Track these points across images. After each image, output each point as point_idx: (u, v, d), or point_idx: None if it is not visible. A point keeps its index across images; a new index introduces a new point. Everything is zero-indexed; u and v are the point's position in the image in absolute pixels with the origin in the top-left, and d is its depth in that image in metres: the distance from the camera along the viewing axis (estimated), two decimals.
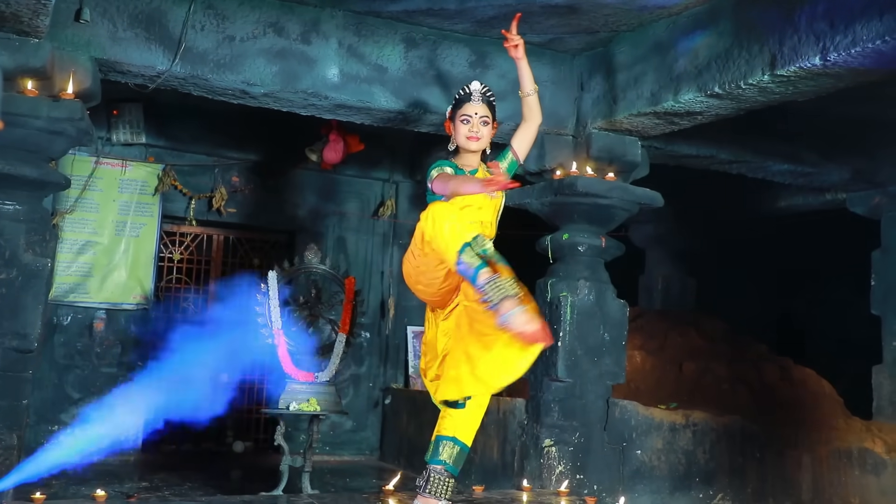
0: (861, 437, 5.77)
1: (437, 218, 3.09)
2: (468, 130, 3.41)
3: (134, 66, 4.15)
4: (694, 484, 5.24)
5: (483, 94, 3.46)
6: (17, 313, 3.82)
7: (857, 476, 5.65)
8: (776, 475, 5.47)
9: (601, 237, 5.03)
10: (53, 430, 6.08)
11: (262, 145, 7.05)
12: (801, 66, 3.55)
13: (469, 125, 3.42)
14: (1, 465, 3.73)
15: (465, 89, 3.48)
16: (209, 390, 6.63)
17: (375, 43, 4.55)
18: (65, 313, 6.45)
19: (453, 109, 3.50)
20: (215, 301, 6.97)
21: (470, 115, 3.42)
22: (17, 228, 3.90)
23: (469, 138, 3.42)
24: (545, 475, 4.85)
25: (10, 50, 3.70)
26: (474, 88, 3.46)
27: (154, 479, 5.53)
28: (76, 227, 6.46)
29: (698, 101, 4.16)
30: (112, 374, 6.46)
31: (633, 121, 4.64)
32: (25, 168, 3.84)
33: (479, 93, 3.45)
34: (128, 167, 6.63)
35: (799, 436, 5.60)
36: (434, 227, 3.08)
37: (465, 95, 3.47)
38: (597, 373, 4.90)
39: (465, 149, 3.45)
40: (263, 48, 4.33)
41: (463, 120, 3.42)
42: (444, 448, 3.37)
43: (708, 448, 5.31)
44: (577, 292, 4.89)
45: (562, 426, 4.87)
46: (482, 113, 3.43)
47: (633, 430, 5.07)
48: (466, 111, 3.43)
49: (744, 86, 3.86)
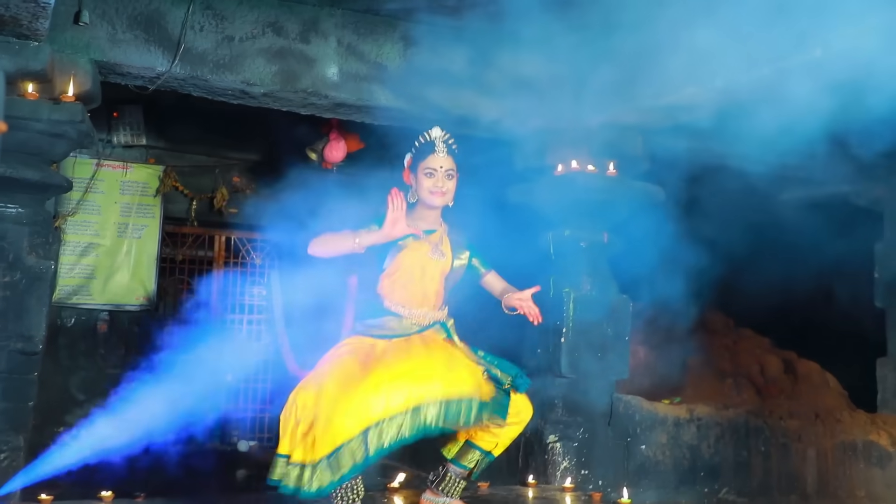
0: (866, 430, 5.76)
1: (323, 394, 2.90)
2: (433, 185, 3.15)
3: (134, 68, 4.16)
4: (699, 478, 5.25)
5: (446, 142, 3.19)
6: (21, 316, 3.84)
7: (862, 469, 5.65)
8: (781, 469, 5.47)
9: (603, 233, 5.03)
10: (59, 431, 6.07)
11: (262, 145, 7.05)
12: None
13: (433, 179, 3.15)
14: (8, 467, 3.74)
15: (426, 137, 3.21)
16: (214, 390, 6.66)
17: (374, 41, 4.55)
18: (68, 315, 6.47)
19: (414, 159, 3.22)
20: (217, 301, 6.98)
21: (434, 168, 3.15)
22: (20, 231, 3.91)
23: (433, 193, 3.16)
24: (550, 471, 4.85)
25: (10, 53, 3.70)
26: (436, 136, 3.19)
27: (160, 479, 5.54)
28: (78, 229, 6.47)
29: (700, 94, 4.16)
30: (116, 375, 6.47)
31: (634, 114, 4.64)
32: (27, 171, 3.85)
33: (442, 142, 3.18)
34: (129, 169, 6.64)
35: (804, 429, 5.59)
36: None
37: (426, 144, 3.19)
38: (600, 368, 4.90)
39: (426, 204, 3.19)
40: (262, 48, 4.33)
41: (427, 173, 3.15)
42: (474, 456, 3.29)
43: (712, 442, 5.31)
44: (580, 288, 4.89)
45: (566, 422, 4.88)
46: (447, 166, 3.16)
47: (638, 425, 5.08)
48: (430, 164, 3.15)
49: (745, 79, 3.86)
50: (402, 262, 3.16)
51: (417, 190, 3.20)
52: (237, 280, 7.08)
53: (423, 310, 3.21)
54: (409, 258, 3.18)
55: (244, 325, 7.02)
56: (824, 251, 6.78)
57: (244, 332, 7.00)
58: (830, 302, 7.54)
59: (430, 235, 3.22)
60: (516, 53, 4.71)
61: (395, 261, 3.16)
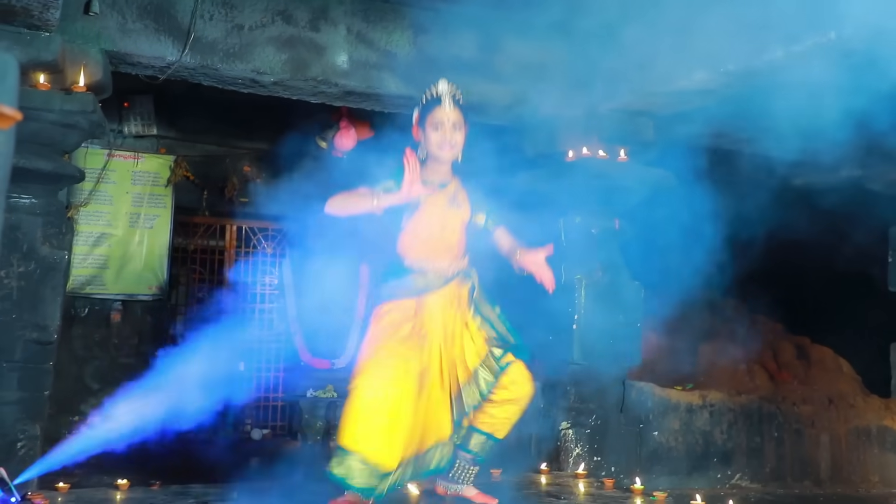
0: (880, 415, 5.75)
1: (359, 374, 2.99)
2: (440, 138, 3.14)
3: (144, 58, 4.16)
4: (712, 464, 5.24)
5: (453, 96, 3.17)
6: (36, 306, 3.86)
7: (876, 454, 5.63)
8: (794, 454, 5.46)
9: (615, 219, 5.02)
10: (74, 420, 6.15)
11: (272, 134, 7.05)
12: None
13: (441, 132, 3.14)
14: (25, 455, 3.77)
15: (433, 91, 3.19)
16: (227, 379, 6.69)
17: (384, 29, 4.54)
18: (82, 305, 6.51)
19: (421, 114, 3.20)
20: (230, 290, 7.01)
21: (441, 121, 3.14)
22: (33, 222, 3.93)
23: (442, 147, 3.15)
24: (562, 458, 4.86)
25: (21, 44, 3.71)
26: (443, 90, 3.17)
27: (174, 467, 5.58)
28: (91, 219, 6.50)
29: (711, 79, 4.13)
30: (130, 364, 6.52)
31: (645, 100, 4.61)
32: (40, 162, 3.86)
33: (448, 95, 3.16)
34: (140, 159, 6.66)
35: (817, 415, 5.58)
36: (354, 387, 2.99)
37: (433, 99, 3.18)
38: (612, 355, 4.90)
39: (436, 158, 3.19)
40: (272, 36, 4.33)
41: (434, 127, 3.14)
42: (478, 440, 3.31)
43: (725, 428, 5.31)
44: (592, 275, 4.88)
45: (578, 409, 4.88)
46: (454, 118, 3.15)
47: (650, 412, 5.07)
48: (437, 117, 3.14)
49: (757, 63, 3.83)
50: (420, 220, 3.16)
51: (426, 145, 3.19)
52: (249, 269, 7.11)
53: (446, 262, 3.21)
54: (428, 214, 3.17)
55: (256, 314, 7.05)
56: (838, 236, 6.74)
57: (256, 321, 7.03)
58: (844, 286, 7.49)
59: (445, 189, 3.21)
60: (526, 40, 4.68)
61: (413, 219, 3.17)
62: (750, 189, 7.57)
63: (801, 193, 7.46)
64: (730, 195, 7.75)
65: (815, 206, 7.36)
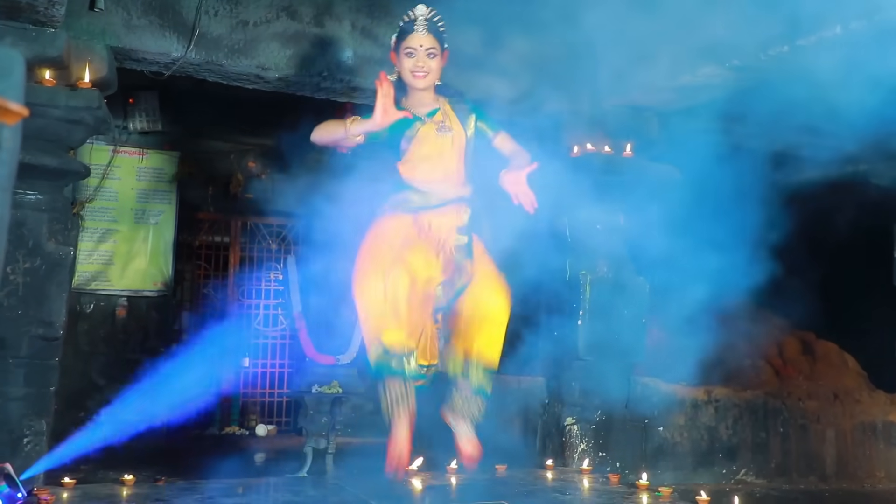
0: (886, 411, 5.74)
1: (360, 280, 2.92)
2: (413, 65, 3.02)
3: (149, 54, 4.16)
4: (717, 460, 5.24)
5: (429, 20, 3.05)
6: (42, 302, 3.87)
7: (882, 449, 5.63)
8: (800, 450, 5.46)
9: (620, 214, 5.01)
10: (80, 416, 6.16)
11: (277, 130, 7.05)
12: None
13: (414, 59, 3.02)
14: (31, 451, 3.79)
15: (409, 15, 3.06)
16: (231, 375, 6.71)
17: (389, 24, 4.52)
18: (87, 301, 6.52)
19: (397, 40, 3.10)
20: (234, 286, 7.02)
21: (414, 47, 3.01)
22: (39, 218, 3.93)
23: (414, 74, 3.03)
24: (567, 453, 4.86)
25: (27, 40, 3.71)
26: (419, 14, 3.06)
27: (180, 463, 5.60)
28: (96, 215, 6.52)
29: (716, 74, 4.12)
30: (135, 360, 6.53)
31: (649, 95, 4.60)
32: (46, 158, 3.87)
33: (424, 19, 3.03)
34: (145, 155, 6.67)
35: (822, 410, 5.58)
36: (358, 294, 2.94)
37: (408, 23, 3.05)
38: (617, 350, 4.89)
39: (411, 86, 3.08)
40: (277, 32, 4.33)
41: (407, 52, 3.03)
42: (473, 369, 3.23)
43: (730, 424, 5.30)
44: (597, 270, 4.87)
45: (583, 404, 4.88)
46: (428, 44, 3.02)
47: (655, 407, 5.07)
48: (410, 43, 3.02)
49: (763, 58, 3.82)
50: (417, 149, 3.07)
51: (401, 72, 3.08)
52: (253, 265, 7.12)
53: (446, 185, 3.11)
54: (423, 144, 3.08)
55: (261, 310, 7.06)
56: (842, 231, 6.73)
57: (261, 317, 7.05)
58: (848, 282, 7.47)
59: (434, 116, 3.11)
60: (531, 34, 4.67)
61: (410, 149, 3.08)
62: (752, 184, 7.56)
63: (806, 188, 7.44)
64: (732, 190, 7.74)
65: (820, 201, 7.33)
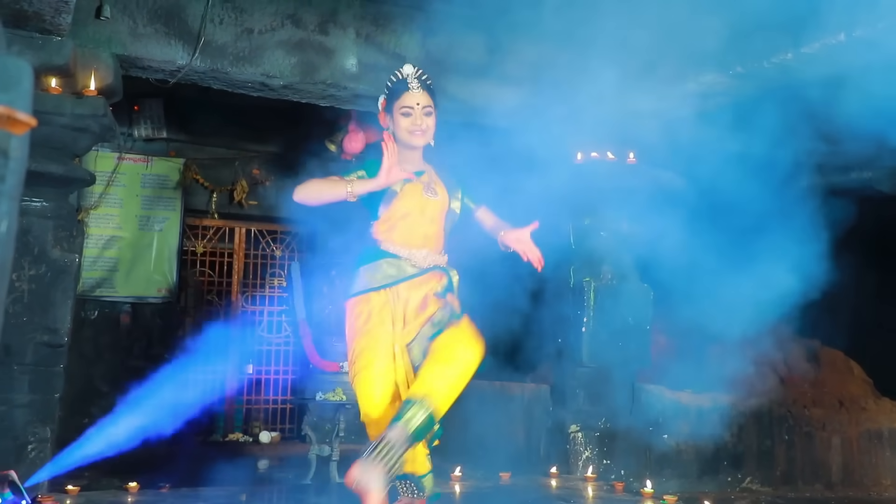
0: (892, 418, 5.71)
1: (355, 351, 2.88)
2: (410, 124, 2.99)
3: (154, 62, 4.18)
4: (722, 468, 5.22)
5: (420, 79, 3.01)
6: (47, 309, 3.88)
7: (888, 457, 5.60)
8: (805, 458, 5.43)
9: (623, 221, 5.01)
10: (84, 422, 6.16)
11: (281, 137, 7.07)
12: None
13: (411, 118, 2.99)
14: (35, 458, 3.79)
15: (398, 75, 3.03)
16: (235, 381, 6.71)
17: (393, 32, 4.54)
18: (92, 308, 6.54)
19: (388, 100, 3.08)
20: (238, 293, 7.03)
21: (411, 106, 2.98)
22: (44, 225, 3.95)
23: (412, 133, 3.00)
24: (572, 460, 4.85)
25: (33, 48, 3.73)
26: (408, 73, 3.01)
27: (184, 470, 5.60)
28: (101, 222, 6.53)
29: (720, 81, 4.12)
30: (139, 366, 6.54)
31: (653, 102, 4.61)
32: (51, 165, 3.88)
33: (415, 78, 3.00)
34: (150, 162, 6.69)
35: (828, 417, 5.55)
36: (352, 362, 2.89)
37: (399, 82, 3.02)
38: (622, 357, 4.89)
39: (407, 145, 3.05)
40: (282, 40, 4.34)
41: (403, 113, 2.99)
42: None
43: (736, 431, 5.28)
44: (600, 277, 4.87)
45: (587, 411, 4.87)
46: (424, 102, 3.00)
47: (660, 415, 5.06)
48: (406, 102, 2.99)
49: (766, 65, 3.82)
50: (398, 207, 3.03)
51: (396, 132, 3.04)
52: (258, 272, 7.13)
53: (424, 251, 3.04)
54: (406, 202, 3.03)
55: (265, 317, 7.07)
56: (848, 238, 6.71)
57: (265, 324, 7.05)
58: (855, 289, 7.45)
59: (421, 177, 3.08)
60: (534, 42, 4.68)
61: (390, 207, 3.02)
62: (756, 191, 7.55)
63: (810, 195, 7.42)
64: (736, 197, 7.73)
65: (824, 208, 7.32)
